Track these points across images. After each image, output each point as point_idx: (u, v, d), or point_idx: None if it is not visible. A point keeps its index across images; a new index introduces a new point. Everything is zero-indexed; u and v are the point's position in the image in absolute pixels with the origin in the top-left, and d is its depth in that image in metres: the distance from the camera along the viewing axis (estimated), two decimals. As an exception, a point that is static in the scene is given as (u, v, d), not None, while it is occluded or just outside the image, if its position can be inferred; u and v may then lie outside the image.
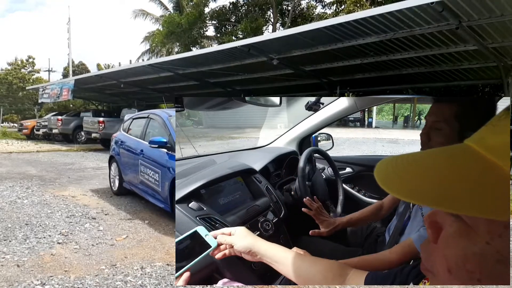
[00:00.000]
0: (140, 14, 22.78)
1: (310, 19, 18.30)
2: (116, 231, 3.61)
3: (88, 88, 16.45)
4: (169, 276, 2.61)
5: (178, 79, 12.68)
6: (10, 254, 2.93)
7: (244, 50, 8.02)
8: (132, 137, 5.08)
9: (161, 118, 4.57)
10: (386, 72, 9.16)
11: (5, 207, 4.40)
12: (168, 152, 4.01)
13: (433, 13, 5.36)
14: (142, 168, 4.44)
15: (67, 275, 2.57)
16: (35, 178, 6.57)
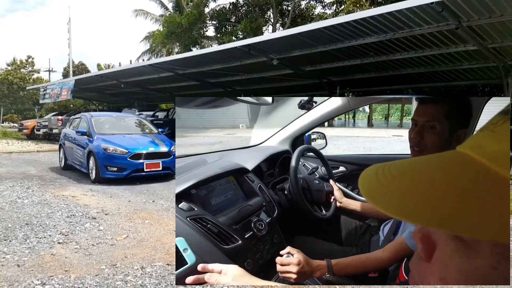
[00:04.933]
0: (141, 13, 22.79)
1: (310, 19, 18.30)
2: (116, 231, 3.62)
3: (88, 88, 16.47)
4: (169, 276, 2.61)
5: (178, 79, 12.69)
6: (10, 254, 2.93)
7: (244, 50, 8.03)
8: (71, 130, 7.62)
9: (86, 117, 7.28)
10: (386, 72, 9.16)
11: (5, 207, 4.41)
12: (87, 138, 6.66)
13: (433, 13, 5.36)
14: (75, 149, 7.11)
15: (67, 275, 2.58)
16: (36, 178, 6.57)
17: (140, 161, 6.22)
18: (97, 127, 6.85)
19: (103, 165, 6.10)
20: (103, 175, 6.11)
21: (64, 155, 7.76)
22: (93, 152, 6.26)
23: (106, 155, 6.13)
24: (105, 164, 6.10)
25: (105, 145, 6.24)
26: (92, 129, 6.73)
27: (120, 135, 6.78)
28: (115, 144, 6.29)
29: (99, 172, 6.13)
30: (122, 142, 6.39)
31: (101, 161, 6.11)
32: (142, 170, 6.22)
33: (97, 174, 6.16)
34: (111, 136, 6.65)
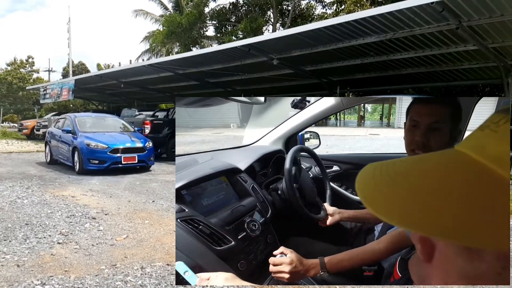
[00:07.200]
0: (140, 13, 22.78)
1: (310, 19, 18.29)
2: (116, 231, 3.61)
3: (88, 88, 16.45)
4: (169, 276, 2.60)
5: (178, 79, 12.69)
6: (10, 254, 2.92)
7: (244, 50, 8.03)
8: (56, 129, 8.51)
9: (70, 118, 8.24)
10: (386, 72, 9.16)
11: (5, 207, 4.40)
12: (72, 135, 7.57)
13: (433, 13, 5.36)
14: (60, 145, 8.02)
15: (67, 275, 2.57)
16: (35, 178, 6.57)
17: (118, 155, 7.26)
18: (81, 126, 7.87)
19: (86, 159, 7.11)
20: (86, 167, 7.11)
21: (50, 151, 8.64)
22: (77, 148, 7.23)
23: (88, 150, 7.14)
24: (88, 157, 7.11)
25: (87, 141, 7.23)
26: (76, 128, 7.74)
27: (101, 132, 7.81)
28: (97, 140, 7.30)
29: (82, 165, 7.13)
30: (103, 139, 7.41)
31: (85, 155, 7.12)
32: (120, 163, 7.27)
33: (81, 166, 7.15)
34: (93, 133, 7.67)
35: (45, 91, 16.78)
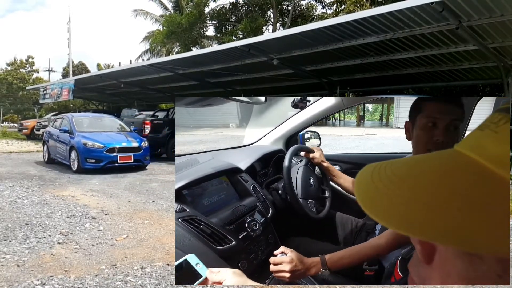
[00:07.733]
0: (140, 13, 22.78)
1: (310, 19, 18.29)
2: (116, 231, 3.61)
3: (88, 88, 16.45)
4: (169, 276, 2.60)
5: (178, 79, 12.68)
6: (10, 254, 2.92)
7: (244, 50, 8.03)
8: (54, 129, 8.61)
9: (68, 118, 8.34)
10: (386, 72, 9.16)
11: (5, 207, 4.40)
12: (69, 135, 7.68)
13: (433, 13, 5.36)
14: (58, 144, 8.14)
15: (67, 275, 2.57)
16: (35, 178, 6.57)
17: (114, 154, 7.37)
18: (78, 126, 7.99)
19: (83, 158, 7.22)
20: (83, 166, 7.22)
21: (47, 150, 8.79)
22: (75, 147, 7.37)
23: (85, 149, 7.25)
24: (85, 156, 7.22)
25: (84, 140, 7.35)
26: (73, 128, 7.86)
27: (97, 132, 7.92)
28: (93, 140, 7.42)
29: (80, 164, 7.24)
30: (99, 138, 7.52)
31: (82, 154, 7.23)
32: (116, 162, 7.37)
33: (78, 165, 7.28)
34: (90, 133, 7.78)
35: (45, 91, 16.78)
